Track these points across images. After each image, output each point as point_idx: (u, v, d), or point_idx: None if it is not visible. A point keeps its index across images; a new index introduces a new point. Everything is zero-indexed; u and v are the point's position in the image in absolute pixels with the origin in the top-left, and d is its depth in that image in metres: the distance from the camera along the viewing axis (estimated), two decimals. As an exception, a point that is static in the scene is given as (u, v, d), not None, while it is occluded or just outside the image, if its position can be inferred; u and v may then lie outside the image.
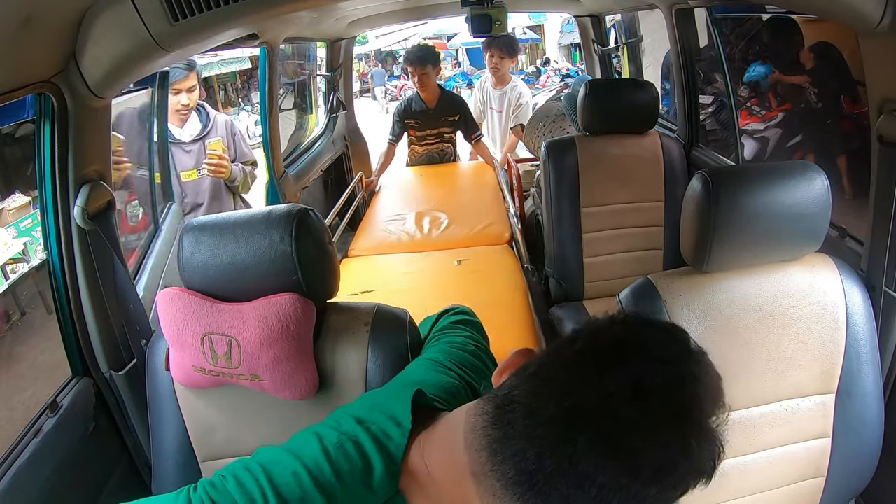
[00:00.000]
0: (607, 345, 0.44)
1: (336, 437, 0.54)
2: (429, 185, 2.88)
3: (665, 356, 0.43)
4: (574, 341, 0.45)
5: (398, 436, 0.52)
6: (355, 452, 0.52)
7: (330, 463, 0.51)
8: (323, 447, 0.53)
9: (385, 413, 0.55)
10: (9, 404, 1.42)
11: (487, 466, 0.44)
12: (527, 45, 14.45)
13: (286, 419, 0.96)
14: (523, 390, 0.45)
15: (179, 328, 0.90)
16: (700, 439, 0.42)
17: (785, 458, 1.03)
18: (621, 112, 1.93)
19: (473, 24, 2.07)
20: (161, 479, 1.02)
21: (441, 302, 1.73)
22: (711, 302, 0.98)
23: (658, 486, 0.41)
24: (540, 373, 0.45)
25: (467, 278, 1.97)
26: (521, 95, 3.29)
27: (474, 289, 1.85)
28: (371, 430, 0.53)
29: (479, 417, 0.46)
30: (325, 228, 0.95)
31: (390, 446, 0.52)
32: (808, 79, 1.96)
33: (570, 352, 0.45)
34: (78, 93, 1.03)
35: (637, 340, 0.45)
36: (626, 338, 0.45)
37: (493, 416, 0.45)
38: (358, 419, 0.56)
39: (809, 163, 0.97)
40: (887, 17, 0.91)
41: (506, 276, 1.97)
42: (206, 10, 1.00)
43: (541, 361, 0.46)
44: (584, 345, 0.45)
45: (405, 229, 2.42)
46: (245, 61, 10.74)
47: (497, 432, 0.44)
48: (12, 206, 5.80)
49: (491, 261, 2.09)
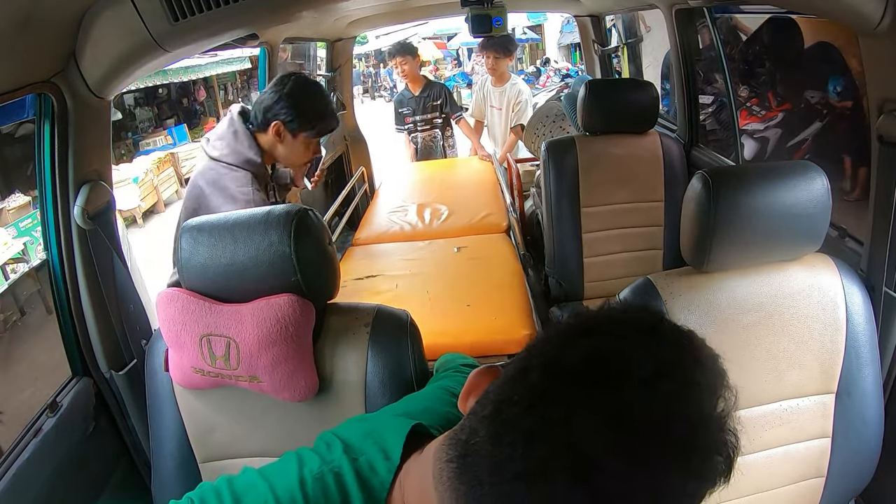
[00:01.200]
0: (570, 372, 0.37)
1: (318, 466, 0.51)
2: (429, 179, 3.00)
3: (645, 372, 0.36)
4: (528, 370, 0.38)
5: (384, 471, 0.49)
6: (335, 486, 0.49)
7: (304, 496, 0.49)
8: (301, 477, 0.50)
9: (377, 443, 0.52)
10: (9, 404, 1.42)
11: (461, 501, 0.39)
12: (527, 45, 14.44)
13: (285, 421, 0.96)
14: (483, 437, 0.38)
15: (178, 329, 0.90)
16: (706, 456, 0.37)
17: (785, 458, 1.03)
18: (621, 112, 1.93)
19: (473, 24, 2.07)
20: (161, 479, 1.02)
21: (442, 285, 1.87)
22: (711, 302, 0.97)
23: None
24: (499, 415, 0.38)
25: (466, 264, 2.04)
26: (521, 93, 3.32)
27: (473, 273, 1.95)
28: (358, 461, 0.50)
29: (444, 465, 0.41)
30: (325, 229, 0.95)
31: (374, 482, 0.48)
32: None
33: (525, 388, 0.38)
34: (78, 93, 1.03)
35: (608, 356, 0.37)
36: (592, 356, 0.37)
37: (457, 468, 0.40)
38: (347, 446, 0.52)
39: (809, 163, 0.96)
40: (887, 17, 0.91)
41: (503, 262, 2.03)
42: (206, 10, 1.00)
43: (497, 399, 0.39)
44: (542, 376, 0.38)
45: (407, 220, 2.51)
46: (245, 61, 10.74)
47: (464, 486, 0.39)
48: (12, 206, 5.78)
49: (489, 248, 2.15)
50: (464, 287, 1.85)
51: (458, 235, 2.27)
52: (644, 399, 0.36)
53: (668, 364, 0.37)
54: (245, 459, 0.99)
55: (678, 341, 0.40)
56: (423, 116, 3.48)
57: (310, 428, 0.96)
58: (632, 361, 0.37)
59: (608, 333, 0.39)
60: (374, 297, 1.83)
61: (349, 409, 0.94)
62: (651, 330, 0.39)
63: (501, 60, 3.27)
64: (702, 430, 0.37)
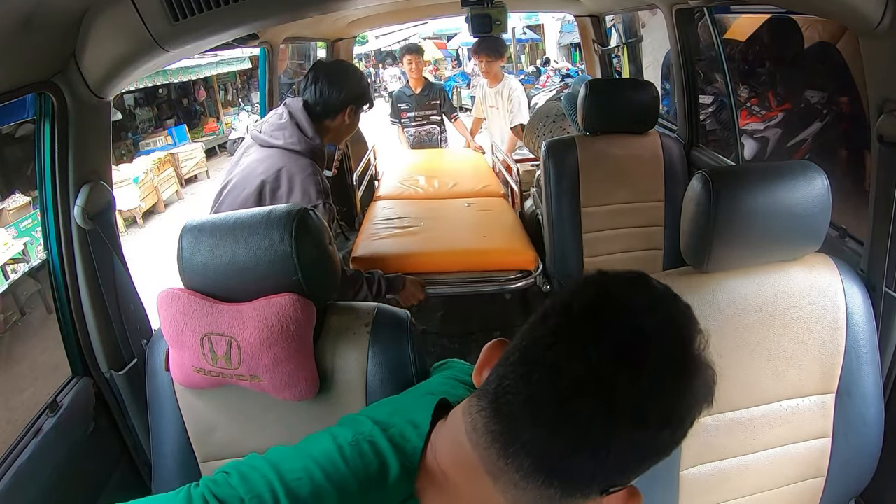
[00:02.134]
0: (581, 312, 0.44)
1: (351, 435, 0.53)
2: (430, 160, 3.40)
3: (639, 307, 0.44)
4: (547, 317, 0.45)
5: (415, 437, 0.52)
6: (371, 451, 0.51)
7: (344, 460, 0.50)
8: (337, 444, 0.52)
9: (404, 418, 0.54)
10: (9, 404, 1.42)
11: (501, 462, 0.45)
12: (527, 45, 14.42)
13: (286, 420, 0.96)
14: (513, 379, 0.44)
15: (179, 328, 0.90)
16: (694, 374, 0.44)
17: (785, 458, 1.03)
18: (621, 112, 1.93)
19: (473, 24, 2.07)
20: (161, 478, 1.01)
21: (460, 230, 2.23)
22: (711, 302, 0.97)
23: (669, 428, 0.43)
24: (524, 358, 0.45)
25: (477, 214, 2.45)
26: (512, 90, 3.36)
27: (484, 219, 2.37)
28: (388, 432, 0.53)
29: (476, 416, 0.46)
30: (326, 228, 0.95)
31: (406, 447, 0.51)
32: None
33: (547, 330, 0.45)
34: (78, 93, 1.03)
35: (608, 299, 0.45)
36: (597, 300, 0.45)
37: (492, 412, 0.45)
38: (376, 421, 0.55)
39: (809, 163, 0.96)
40: (887, 17, 0.91)
41: (506, 213, 2.46)
42: (206, 10, 1.00)
43: (522, 346, 0.46)
44: (559, 319, 0.45)
45: (420, 185, 2.88)
46: (245, 61, 10.73)
47: (500, 426, 0.44)
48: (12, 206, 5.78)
49: (493, 206, 2.57)
50: (478, 226, 2.27)
51: (466, 196, 2.65)
52: (642, 326, 0.43)
53: (655, 301, 0.46)
54: (245, 459, 0.99)
55: (659, 286, 0.48)
56: (420, 113, 3.78)
57: (310, 427, 0.95)
58: (628, 300, 0.45)
59: (607, 284, 0.47)
60: (406, 234, 2.21)
61: (350, 409, 0.93)
62: (638, 279, 0.48)
63: (493, 63, 3.33)
64: (691, 352, 0.45)
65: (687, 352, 0.44)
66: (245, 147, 1.62)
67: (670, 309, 0.46)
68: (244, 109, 11.83)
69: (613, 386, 0.42)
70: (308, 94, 1.59)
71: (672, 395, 0.43)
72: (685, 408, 0.44)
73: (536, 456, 0.43)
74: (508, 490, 0.45)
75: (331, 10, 2.33)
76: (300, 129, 1.53)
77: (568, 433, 0.42)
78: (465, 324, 2.45)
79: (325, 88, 1.57)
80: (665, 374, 0.43)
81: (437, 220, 2.34)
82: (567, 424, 0.42)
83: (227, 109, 12.05)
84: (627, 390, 0.42)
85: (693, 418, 0.45)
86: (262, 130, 1.56)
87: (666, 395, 0.43)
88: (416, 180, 2.91)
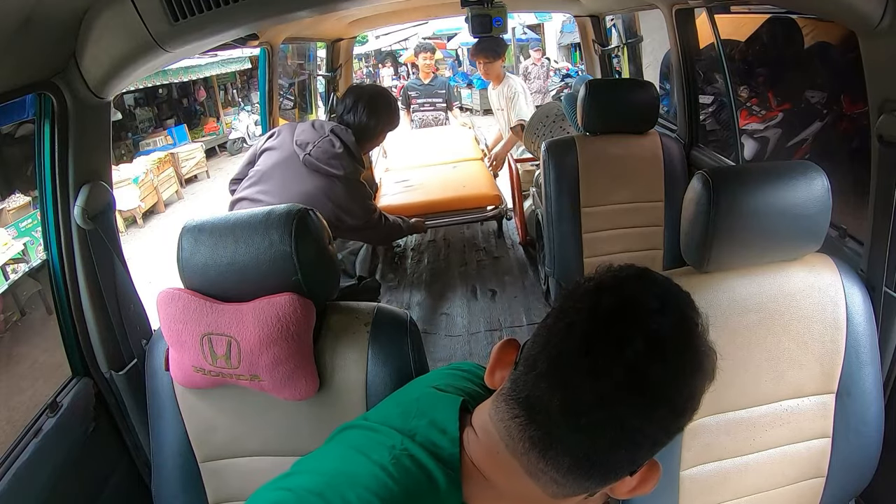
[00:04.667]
0: (608, 317, 0.47)
1: (388, 453, 0.52)
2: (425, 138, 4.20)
3: (655, 304, 0.48)
4: (572, 325, 0.48)
5: (448, 444, 0.52)
6: (413, 466, 0.51)
7: (393, 480, 0.50)
8: (380, 465, 0.51)
9: (423, 420, 0.55)
10: (9, 404, 1.42)
11: (541, 464, 0.47)
12: (526, 45, 14.43)
13: (286, 420, 0.96)
14: (547, 388, 0.47)
15: (179, 328, 0.90)
16: (706, 357, 0.49)
17: (785, 458, 1.03)
18: (621, 112, 1.93)
19: (473, 24, 2.07)
20: (161, 478, 1.02)
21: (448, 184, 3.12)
22: (712, 302, 0.97)
23: (691, 406, 0.48)
24: (557, 366, 0.47)
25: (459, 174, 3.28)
26: (511, 87, 3.35)
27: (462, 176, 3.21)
28: (417, 439, 0.53)
29: (510, 423, 0.49)
30: (325, 228, 0.95)
31: (443, 455, 0.52)
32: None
33: (576, 338, 0.47)
34: (78, 93, 1.03)
35: (629, 300, 0.48)
36: (620, 303, 0.48)
37: (526, 419, 0.48)
38: (398, 429, 0.54)
39: (809, 163, 0.96)
40: (887, 17, 0.91)
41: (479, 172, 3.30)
42: (206, 10, 1.00)
43: (552, 355, 0.48)
44: (587, 326, 0.47)
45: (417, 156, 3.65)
46: (245, 61, 10.73)
47: (538, 433, 0.47)
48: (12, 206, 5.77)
49: (471, 166, 3.40)
50: (459, 181, 3.15)
51: (452, 162, 3.47)
52: (663, 322, 0.47)
53: (666, 296, 0.49)
54: (245, 459, 0.99)
55: (661, 279, 0.51)
56: (428, 100, 4.46)
57: (310, 427, 0.96)
58: (644, 300, 0.48)
59: (619, 286, 0.49)
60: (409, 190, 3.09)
61: (350, 408, 0.94)
62: (644, 275, 0.51)
63: (491, 64, 3.32)
64: (702, 338, 0.49)
65: (696, 336, 0.49)
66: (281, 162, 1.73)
67: (679, 300, 0.50)
68: (244, 109, 11.82)
69: (649, 381, 0.45)
70: (350, 118, 1.80)
71: (691, 377, 0.48)
72: (700, 386, 0.49)
73: (578, 456, 0.47)
74: (549, 486, 0.49)
75: (331, 10, 2.33)
76: (355, 160, 1.76)
77: (609, 431, 0.46)
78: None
79: (365, 117, 1.80)
80: (685, 360, 0.47)
81: (431, 178, 3.22)
82: (608, 424, 0.46)
83: (227, 109, 12.05)
84: (660, 383, 0.46)
85: (704, 392, 0.49)
86: (311, 154, 1.71)
87: (688, 378, 0.47)
88: (416, 152, 3.72)
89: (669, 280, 0.51)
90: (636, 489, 0.51)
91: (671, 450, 0.98)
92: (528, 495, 0.50)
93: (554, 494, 0.49)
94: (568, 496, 0.50)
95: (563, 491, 0.49)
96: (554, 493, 0.49)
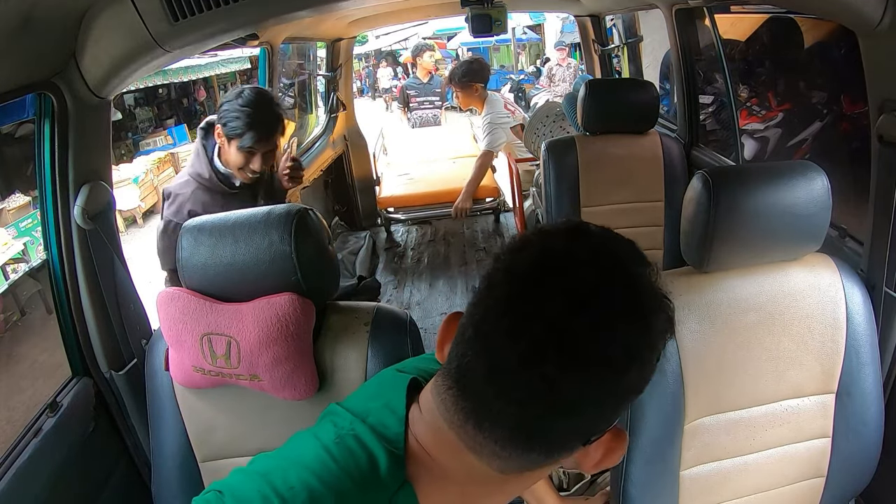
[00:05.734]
0: (527, 274, 0.44)
1: (334, 433, 0.52)
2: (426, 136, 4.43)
3: (582, 256, 0.44)
4: (493, 286, 0.45)
5: (395, 423, 0.51)
6: (357, 445, 0.50)
7: (334, 460, 0.50)
8: (324, 445, 0.51)
9: (380, 402, 0.54)
10: (9, 404, 1.42)
11: (479, 437, 0.45)
12: (527, 45, 14.43)
13: (286, 419, 0.96)
14: (472, 355, 0.44)
15: (179, 328, 0.90)
16: (650, 309, 0.44)
17: (785, 458, 1.03)
18: (621, 112, 1.93)
19: (473, 24, 2.07)
20: (161, 478, 1.02)
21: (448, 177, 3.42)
22: (712, 302, 0.97)
23: (635, 367, 0.43)
24: (479, 331, 0.44)
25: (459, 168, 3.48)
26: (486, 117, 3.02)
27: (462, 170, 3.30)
28: (368, 421, 0.52)
29: (445, 395, 0.46)
30: (325, 228, 0.95)
31: (389, 435, 0.50)
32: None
33: (495, 299, 0.44)
34: (78, 93, 1.03)
35: (549, 255, 0.45)
36: (539, 258, 0.45)
37: (458, 390, 0.45)
38: (354, 412, 0.54)
39: (809, 163, 0.96)
40: (887, 17, 0.91)
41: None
42: (206, 10, 1.00)
43: (475, 321, 0.45)
44: (507, 286, 0.44)
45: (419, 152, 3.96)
46: (245, 61, 10.72)
47: (470, 403, 0.45)
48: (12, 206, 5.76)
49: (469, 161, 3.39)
50: (459, 174, 3.27)
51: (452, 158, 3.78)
52: (589, 274, 0.43)
53: (597, 246, 0.46)
54: (245, 458, 0.99)
55: (597, 230, 0.48)
56: (427, 98, 4.79)
57: (310, 427, 0.96)
58: (571, 251, 0.45)
59: (544, 240, 0.46)
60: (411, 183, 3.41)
61: (349, 409, 0.94)
62: (575, 228, 0.47)
63: (464, 93, 3.00)
64: (642, 288, 0.45)
65: (638, 289, 0.44)
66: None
67: (613, 250, 0.46)
68: (244, 109, 11.79)
69: (575, 338, 0.41)
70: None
71: (632, 334, 0.43)
72: (648, 343, 0.44)
73: (511, 425, 0.44)
74: (493, 461, 0.46)
75: (331, 10, 2.34)
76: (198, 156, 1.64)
77: (537, 396, 0.42)
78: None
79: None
80: (621, 314, 0.43)
81: (431, 172, 3.54)
82: (534, 388, 0.42)
83: (227, 110, 12.02)
84: (588, 339, 0.42)
85: (659, 351, 0.45)
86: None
87: (626, 335, 0.43)
88: (416, 149, 4.01)
89: (607, 230, 0.48)
90: (601, 461, 0.48)
91: (671, 450, 0.98)
92: (474, 474, 0.47)
93: (500, 469, 0.47)
94: (515, 471, 0.47)
95: (508, 465, 0.46)
96: (500, 468, 0.47)
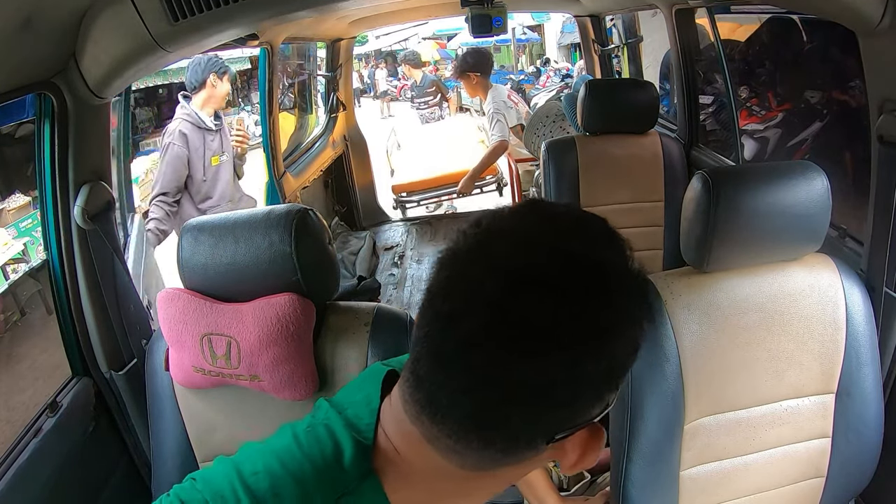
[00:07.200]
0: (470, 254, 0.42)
1: (308, 423, 0.52)
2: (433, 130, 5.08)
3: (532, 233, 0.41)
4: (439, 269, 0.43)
5: (367, 415, 0.50)
6: (325, 434, 0.50)
7: (299, 447, 0.50)
8: (294, 433, 0.52)
9: (361, 394, 0.53)
10: (9, 404, 1.42)
11: (434, 429, 0.43)
12: (527, 46, 14.43)
13: (286, 420, 0.95)
14: (421, 345, 0.43)
15: (179, 328, 0.90)
16: (615, 288, 0.41)
17: (785, 458, 1.03)
18: (621, 112, 1.93)
19: (473, 24, 2.07)
20: (161, 479, 1.01)
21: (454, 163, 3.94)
22: (712, 302, 0.97)
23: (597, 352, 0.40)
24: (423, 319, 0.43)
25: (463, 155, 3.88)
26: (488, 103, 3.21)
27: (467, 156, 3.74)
28: (344, 413, 0.52)
29: (404, 386, 0.46)
30: (325, 228, 0.95)
31: (360, 425, 0.50)
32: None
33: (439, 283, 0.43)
34: (78, 93, 1.03)
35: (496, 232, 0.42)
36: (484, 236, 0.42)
37: (413, 381, 0.44)
38: (335, 405, 0.54)
39: (809, 163, 0.96)
40: (887, 17, 0.91)
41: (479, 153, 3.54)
42: (206, 10, 1.00)
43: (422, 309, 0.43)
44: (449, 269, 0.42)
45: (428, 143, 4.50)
46: (245, 61, 10.72)
47: (421, 394, 0.43)
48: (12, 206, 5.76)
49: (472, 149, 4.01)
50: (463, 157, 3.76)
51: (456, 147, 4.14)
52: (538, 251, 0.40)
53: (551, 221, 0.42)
54: (245, 459, 0.99)
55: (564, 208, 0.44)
56: (423, 99, 5.52)
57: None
58: (518, 229, 0.42)
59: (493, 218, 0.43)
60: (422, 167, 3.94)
61: (349, 409, 0.94)
62: (530, 204, 0.44)
63: (464, 82, 3.27)
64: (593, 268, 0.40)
65: (590, 267, 0.40)
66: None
67: (566, 228, 0.43)
68: (244, 109, 11.81)
69: (513, 318, 0.38)
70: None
71: (588, 317, 0.39)
72: (613, 327, 0.40)
73: (461, 416, 0.41)
74: (451, 456, 0.44)
75: (331, 10, 2.34)
76: None
77: (481, 382, 0.39)
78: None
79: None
80: (574, 294, 0.39)
81: (439, 160, 4.00)
82: (477, 376, 0.39)
83: (227, 109, 12.01)
84: (529, 319, 0.38)
85: (634, 338, 0.41)
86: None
87: (581, 317, 0.39)
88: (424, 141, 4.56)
89: (572, 206, 0.45)
90: (578, 462, 0.44)
91: (671, 450, 0.98)
92: (438, 469, 0.45)
93: (460, 465, 0.45)
94: (473, 468, 0.45)
95: (465, 461, 0.44)
96: (459, 463, 0.44)
